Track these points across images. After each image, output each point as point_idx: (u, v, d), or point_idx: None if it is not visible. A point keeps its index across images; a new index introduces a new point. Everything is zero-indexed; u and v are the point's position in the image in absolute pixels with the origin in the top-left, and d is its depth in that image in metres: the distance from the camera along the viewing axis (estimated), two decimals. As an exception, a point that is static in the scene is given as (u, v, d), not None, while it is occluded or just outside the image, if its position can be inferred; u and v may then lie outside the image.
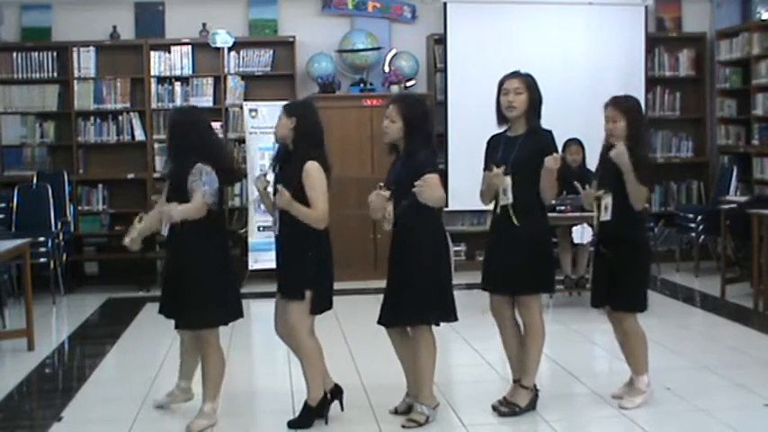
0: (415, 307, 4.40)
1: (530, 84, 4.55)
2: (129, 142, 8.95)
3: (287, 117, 4.44)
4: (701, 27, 9.69)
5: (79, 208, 8.89)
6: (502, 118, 4.61)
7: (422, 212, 4.33)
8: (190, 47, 8.97)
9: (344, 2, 9.20)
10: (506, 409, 4.63)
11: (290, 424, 4.50)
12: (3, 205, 8.30)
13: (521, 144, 4.53)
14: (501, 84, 4.59)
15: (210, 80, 9.00)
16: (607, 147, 4.66)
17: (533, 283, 4.60)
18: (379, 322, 4.52)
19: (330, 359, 5.69)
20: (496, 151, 4.58)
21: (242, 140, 8.87)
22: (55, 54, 8.86)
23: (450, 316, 4.53)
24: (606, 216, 4.65)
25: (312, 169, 4.32)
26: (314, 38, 9.06)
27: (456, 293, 4.62)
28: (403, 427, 4.46)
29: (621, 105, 4.64)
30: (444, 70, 8.86)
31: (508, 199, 4.52)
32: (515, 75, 4.58)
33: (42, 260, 7.90)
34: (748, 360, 5.69)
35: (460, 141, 8.56)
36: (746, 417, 4.57)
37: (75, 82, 8.85)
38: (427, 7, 9.25)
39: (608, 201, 4.63)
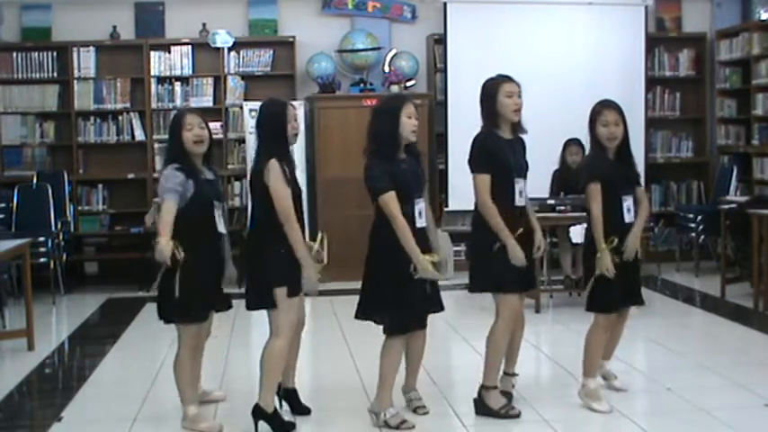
0: (367, 304, 4.43)
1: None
2: (129, 142, 8.95)
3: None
4: (701, 27, 9.69)
5: (79, 208, 8.89)
6: (502, 120, 4.55)
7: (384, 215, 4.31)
8: (190, 47, 8.98)
9: (344, 2, 9.20)
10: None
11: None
12: (3, 205, 8.31)
13: (519, 149, 4.61)
14: (501, 85, 4.54)
15: (210, 80, 9.01)
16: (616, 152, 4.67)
17: (476, 283, 4.64)
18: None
19: (330, 359, 5.71)
20: (506, 152, 4.53)
21: (242, 140, 8.87)
22: (55, 54, 8.87)
23: (408, 325, 4.42)
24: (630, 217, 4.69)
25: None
26: (314, 38, 9.06)
27: (456, 293, 4.62)
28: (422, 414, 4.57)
29: (621, 110, 4.65)
30: (444, 70, 8.86)
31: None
32: (514, 79, 4.59)
33: (42, 260, 7.91)
34: (748, 360, 5.69)
35: (460, 141, 8.48)
36: (746, 417, 4.57)
37: (75, 82, 8.86)
38: (427, 7, 9.25)
39: (629, 203, 4.68)
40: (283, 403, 4.69)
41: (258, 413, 4.41)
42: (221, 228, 4.48)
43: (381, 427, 4.45)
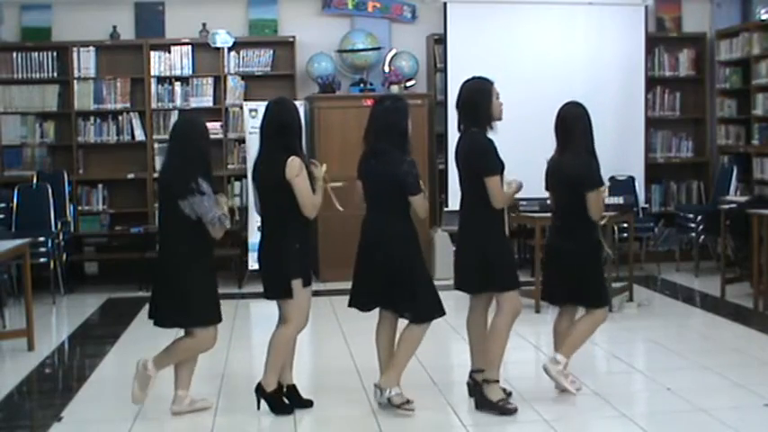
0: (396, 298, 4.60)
1: None
2: (129, 142, 8.95)
3: None
4: (701, 27, 9.69)
5: (79, 208, 8.88)
6: (493, 122, 4.69)
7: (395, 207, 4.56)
8: (190, 47, 8.98)
9: (344, 2, 9.20)
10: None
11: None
12: (3, 205, 8.30)
13: None
14: (492, 87, 4.71)
15: (210, 80, 9.00)
16: None
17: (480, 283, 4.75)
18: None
19: (330, 358, 5.71)
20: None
21: (242, 140, 8.87)
22: (55, 54, 8.86)
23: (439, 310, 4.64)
24: None
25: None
26: (314, 38, 9.06)
27: (455, 293, 4.64)
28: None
29: None
30: (444, 70, 8.85)
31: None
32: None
33: (42, 260, 7.90)
34: (748, 360, 5.69)
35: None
36: (746, 417, 4.57)
37: (75, 82, 8.85)
38: (427, 7, 9.25)
39: None
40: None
41: (260, 391, 4.65)
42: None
43: (382, 404, 4.58)
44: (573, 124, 4.80)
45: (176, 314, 4.55)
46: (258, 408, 4.67)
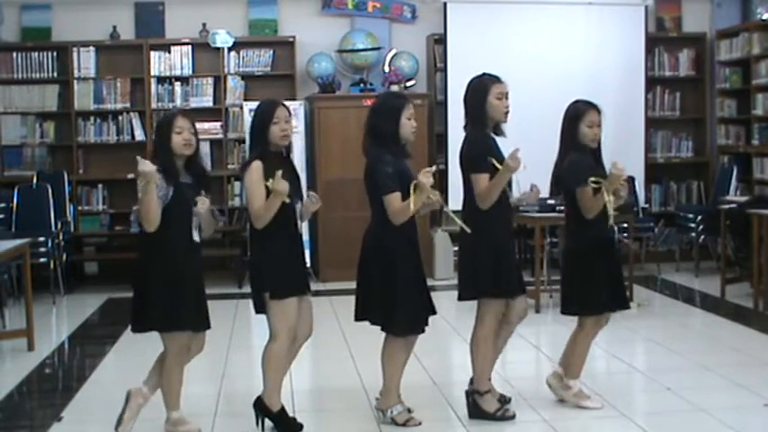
0: (368, 306, 4.43)
1: None
2: (129, 142, 8.95)
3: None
4: (701, 27, 9.69)
5: (79, 208, 8.89)
6: (490, 121, 4.57)
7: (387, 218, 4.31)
8: (190, 47, 8.98)
9: (344, 2, 9.20)
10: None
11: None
12: (3, 205, 8.29)
13: None
14: (491, 86, 4.51)
15: (210, 80, 9.01)
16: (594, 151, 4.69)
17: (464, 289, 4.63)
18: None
19: (330, 360, 5.70)
20: (500, 151, 4.55)
21: (242, 140, 8.87)
22: (55, 54, 8.87)
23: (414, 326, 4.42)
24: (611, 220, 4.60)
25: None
26: (314, 38, 9.06)
27: (455, 294, 4.63)
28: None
29: (600, 111, 4.69)
30: (444, 70, 8.86)
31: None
32: (502, 80, 4.57)
33: (42, 260, 7.90)
34: (748, 360, 5.69)
35: (460, 141, 8.50)
36: (746, 417, 4.57)
37: (75, 82, 8.86)
38: (427, 7, 9.25)
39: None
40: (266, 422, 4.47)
41: (263, 410, 4.41)
42: (196, 236, 4.35)
43: (387, 425, 4.46)
44: (562, 124, 4.73)
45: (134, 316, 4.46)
46: (258, 425, 4.41)
